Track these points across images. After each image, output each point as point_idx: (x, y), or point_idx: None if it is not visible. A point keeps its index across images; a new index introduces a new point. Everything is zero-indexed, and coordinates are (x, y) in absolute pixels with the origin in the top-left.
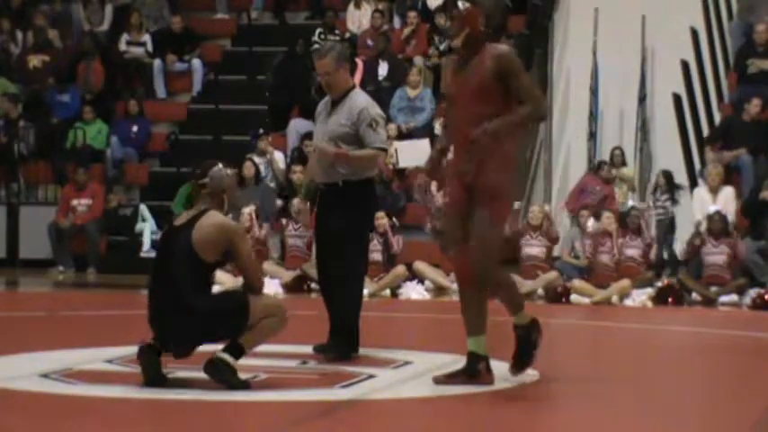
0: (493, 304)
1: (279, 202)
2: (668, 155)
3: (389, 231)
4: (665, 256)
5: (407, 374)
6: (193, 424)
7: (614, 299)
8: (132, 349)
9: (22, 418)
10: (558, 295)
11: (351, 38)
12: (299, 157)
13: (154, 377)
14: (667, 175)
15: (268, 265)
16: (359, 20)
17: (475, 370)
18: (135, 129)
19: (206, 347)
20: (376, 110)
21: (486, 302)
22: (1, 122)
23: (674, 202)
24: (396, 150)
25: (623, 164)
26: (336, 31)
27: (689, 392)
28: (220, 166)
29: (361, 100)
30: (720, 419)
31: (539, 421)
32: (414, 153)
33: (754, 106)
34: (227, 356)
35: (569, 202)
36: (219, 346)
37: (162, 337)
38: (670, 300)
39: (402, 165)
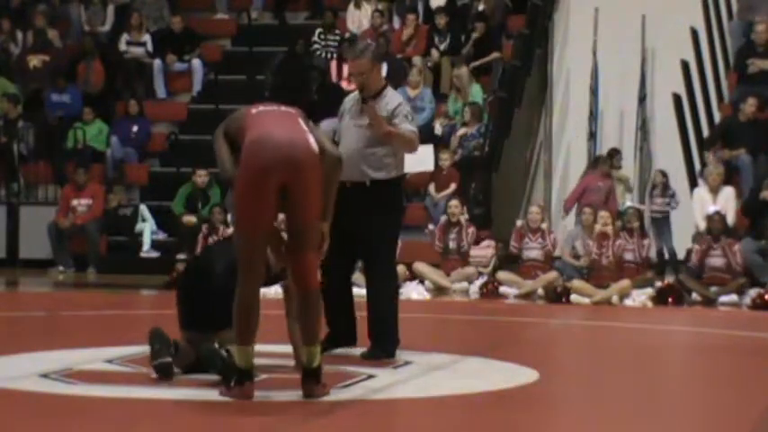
0: (491, 305)
1: None
2: (668, 155)
3: None
4: (666, 256)
5: (407, 374)
6: (193, 424)
7: (614, 299)
8: (132, 349)
9: (22, 418)
10: (558, 295)
11: (351, 38)
12: None
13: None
14: (664, 175)
15: None
16: (359, 20)
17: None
18: (135, 129)
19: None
20: (408, 107)
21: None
22: (0, 122)
23: (670, 205)
24: None
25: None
26: (336, 31)
27: (689, 392)
28: None
29: (397, 97)
30: (720, 419)
31: (539, 421)
32: (417, 158)
33: (749, 106)
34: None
35: (569, 201)
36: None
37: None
38: (670, 300)
39: (405, 170)
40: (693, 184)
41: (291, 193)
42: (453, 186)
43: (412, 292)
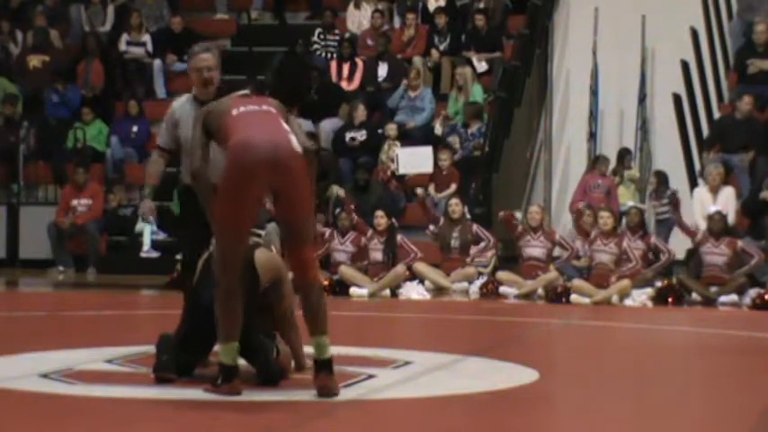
0: (491, 305)
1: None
2: (668, 155)
3: (400, 240)
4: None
5: (407, 374)
6: (193, 424)
7: (614, 299)
8: (132, 349)
9: (22, 418)
10: (558, 295)
11: (351, 38)
12: None
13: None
14: (661, 176)
15: None
16: (359, 20)
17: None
18: (135, 129)
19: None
20: None
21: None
22: (0, 122)
23: (669, 206)
24: (397, 156)
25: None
26: (336, 31)
27: (689, 392)
28: (274, 224)
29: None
30: (720, 419)
31: (539, 421)
32: (415, 160)
33: (745, 104)
34: None
35: (573, 204)
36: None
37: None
38: (670, 300)
39: (402, 171)
40: (693, 184)
41: (281, 194)
42: (453, 186)
43: (412, 292)
